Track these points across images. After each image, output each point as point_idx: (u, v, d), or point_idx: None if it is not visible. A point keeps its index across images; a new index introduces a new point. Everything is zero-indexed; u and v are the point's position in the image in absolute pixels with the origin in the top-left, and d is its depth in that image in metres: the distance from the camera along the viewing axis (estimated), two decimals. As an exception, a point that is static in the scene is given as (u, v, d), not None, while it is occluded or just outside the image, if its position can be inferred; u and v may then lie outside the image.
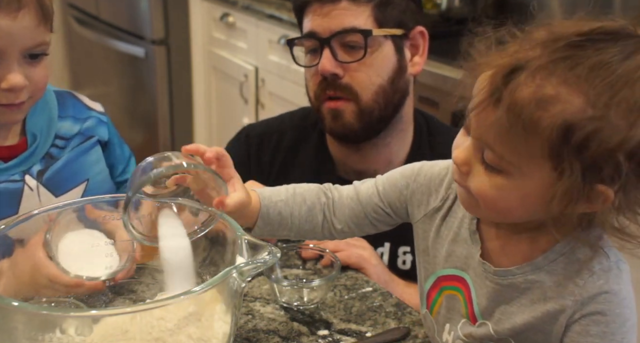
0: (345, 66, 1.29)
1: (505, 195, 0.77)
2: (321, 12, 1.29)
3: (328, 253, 1.16)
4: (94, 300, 0.96)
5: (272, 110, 2.71)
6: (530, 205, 0.77)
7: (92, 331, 0.78)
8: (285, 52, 2.57)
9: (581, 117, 0.69)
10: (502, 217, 0.81)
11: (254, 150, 1.47)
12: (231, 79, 2.95)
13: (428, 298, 0.95)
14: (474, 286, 0.88)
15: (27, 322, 0.75)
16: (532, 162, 0.73)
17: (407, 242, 1.33)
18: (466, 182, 0.80)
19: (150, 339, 0.77)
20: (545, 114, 0.70)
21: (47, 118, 1.15)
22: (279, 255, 0.81)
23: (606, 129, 0.69)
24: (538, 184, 0.74)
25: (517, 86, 0.71)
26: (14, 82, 1.00)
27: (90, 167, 1.19)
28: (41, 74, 1.05)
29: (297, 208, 0.98)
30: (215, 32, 3.04)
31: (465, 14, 2.35)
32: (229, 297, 0.80)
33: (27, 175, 1.10)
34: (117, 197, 0.97)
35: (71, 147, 1.17)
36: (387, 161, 1.38)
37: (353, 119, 1.32)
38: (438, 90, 1.88)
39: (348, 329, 1.04)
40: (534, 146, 0.71)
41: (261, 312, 1.07)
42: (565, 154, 0.70)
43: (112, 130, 1.25)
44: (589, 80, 0.70)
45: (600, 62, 0.70)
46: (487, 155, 0.76)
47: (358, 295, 1.13)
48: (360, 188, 1.00)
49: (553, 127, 0.70)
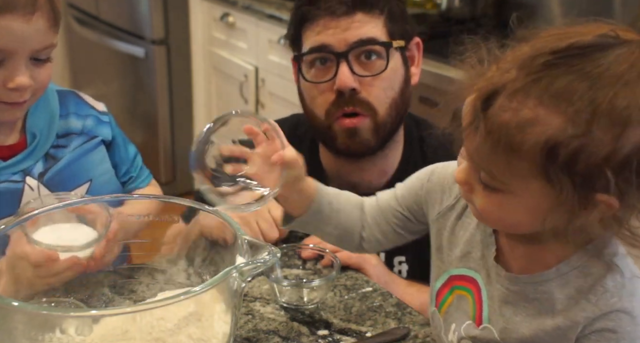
0: (361, 80, 1.25)
1: (507, 211, 0.77)
2: (334, 25, 1.24)
3: (328, 253, 1.16)
4: (94, 300, 0.96)
5: (272, 110, 2.71)
6: (535, 219, 0.76)
7: (92, 331, 0.78)
8: (285, 52, 2.57)
9: (563, 136, 0.69)
10: (511, 229, 0.82)
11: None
12: (231, 79, 2.95)
13: (438, 297, 0.95)
14: (485, 288, 0.88)
15: (27, 322, 0.75)
16: (524, 181, 0.73)
17: (402, 252, 1.32)
18: (471, 199, 0.81)
19: (150, 339, 0.77)
20: (526, 136, 0.70)
21: (48, 117, 1.15)
22: (279, 255, 0.82)
23: (591, 145, 0.69)
24: (535, 199, 0.74)
25: (496, 111, 0.72)
26: (21, 83, 1.02)
27: (93, 167, 1.19)
28: (45, 74, 1.06)
29: (343, 206, 1.01)
30: (215, 32, 3.04)
31: (465, 14, 2.34)
32: (229, 297, 0.80)
33: (28, 176, 1.11)
34: (119, 197, 0.97)
35: (73, 147, 1.17)
36: (381, 172, 1.37)
37: (370, 136, 1.28)
38: (438, 90, 1.88)
39: (348, 329, 1.04)
40: (521, 167, 0.72)
41: (261, 312, 1.07)
42: (553, 172, 0.70)
43: (116, 130, 1.24)
44: (565, 98, 0.69)
45: (575, 79, 0.69)
46: (482, 175, 0.76)
47: (358, 295, 1.13)
48: (381, 196, 1.03)
49: (536, 149, 0.70)
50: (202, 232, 0.95)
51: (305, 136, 1.43)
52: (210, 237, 0.94)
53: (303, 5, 1.28)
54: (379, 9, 1.25)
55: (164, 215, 0.98)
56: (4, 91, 1.02)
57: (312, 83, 1.29)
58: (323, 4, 1.24)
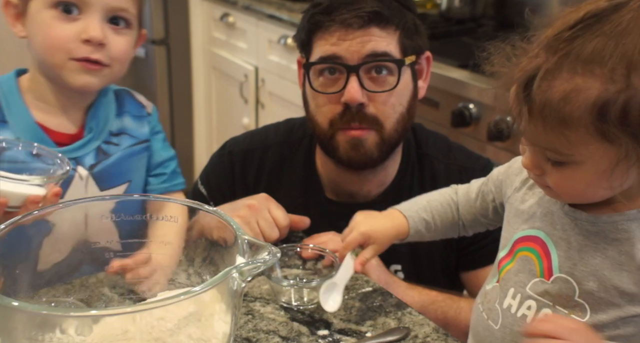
0: (369, 95, 1.23)
1: (581, 181, 0.80)
2: (348, 37, 1.22)
3: (328, 253, 1.16)
4: (94, 300, 0.96)
5: (272, 110, 2.72)
6: (608, 181, 0.79)
7: (92, 331, 0.78)
8: (285, 52, 2.57)
9: (607, 95, 0.73)
10: (588, 199, 0.84)
11: (239, 168, 1.43)
12: (231, 79, 2.95)
13: (498, 268, 0.97)
14: (552, 241, 0.89)
15: (27, 322, 0.75)
16: (586, 148, 0.77)
17: (398, 260, 1.32)
18: (543, 181, 0.85)
19: (150, 339, 0.77)
20: (573, 106, 0.75)
21: (105, 115, 1.19)
22: (279, 255, 0.81)
23: (636, 95, 0.73)
24: (603, 162, 0.77)
25: (536, 93, 0.76)
26: (94, 34, 1.07)
27: (135, 170, 1.22)
28: (121, 44, 1.11)
29: (436, 212, 1.10)
30: (215, 32, 3.04)
31: (465, 14, 2.35)
32: (229, 297, 0.80)
33: (80, 165, 1.15)
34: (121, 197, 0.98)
35: (124, 146, 1.20)
36: (380, 182, 1.36)
37: (374, 148, 1.27)
38: (438, 90, 1.88)
39: (348, 329, 1.04)
40: (578, 136, 0.76)
41: (261, 312, 1.07)
42: (610, 131, 0.74)
43: (157, 128, 1.26)
44: (597, 61, 0.73)
45: (600, 41, 0.74)
46: (548, 154, 0.81)
47: (358, 295, 1.13)
48: (471, 185, 1.11)
49: (586, 115, 0.74)
50: (202, 232, 0.95)
51: (301, 142, 1.42)
52: (210, 237, 0.94)
53: (317, 14, 1.25)
54: (394, 25, 1.23)
55: (164, 215, 0.98)
56: (77, 44, 1.07)
57: (320, 93, 1.27)
58: (338, 16, 1.22)
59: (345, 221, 1.36)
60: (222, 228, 0.90)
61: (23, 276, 0.91)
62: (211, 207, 0.92)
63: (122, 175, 1.20)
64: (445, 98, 1.92)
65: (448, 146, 1.40)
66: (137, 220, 0.97)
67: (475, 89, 1.85)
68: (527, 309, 0.90)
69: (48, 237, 0.93)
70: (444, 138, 1.43)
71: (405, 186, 1.36)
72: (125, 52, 1.12)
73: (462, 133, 1.88)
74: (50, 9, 1.07)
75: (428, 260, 1.35)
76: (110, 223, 0.97)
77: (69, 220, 0.95)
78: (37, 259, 0.94)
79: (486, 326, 0.95)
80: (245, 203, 1.26)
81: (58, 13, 1.06)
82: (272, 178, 1.41)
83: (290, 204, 1.31)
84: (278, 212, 1.25)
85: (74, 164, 1.14)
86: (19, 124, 1.12)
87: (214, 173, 1.34)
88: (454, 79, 1.90)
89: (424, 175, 1.36)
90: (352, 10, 1.21)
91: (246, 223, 1.22)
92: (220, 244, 0.92)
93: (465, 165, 1.36)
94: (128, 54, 1.14)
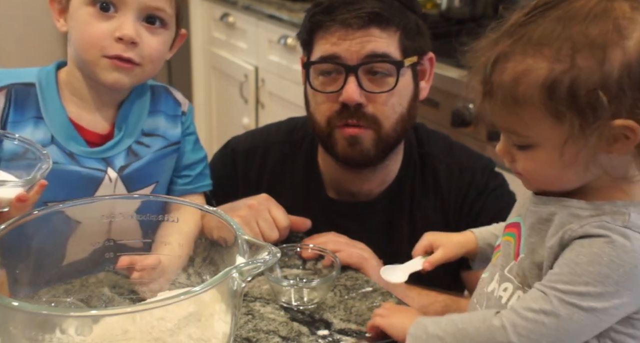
0: (368, 95, 1.23)
1: (542, 164, 0.84)
2: (348, 37, 1.22)
3: (328, 253, 1.16)
4: (94, 300, 0.96)
5: (272, 110, 2.72)
6: (561, 162, 0.82)
7: (92, 331, 0.78)
8: (285, 52, 2.57)
9: (554, 74, 0.78)
10: (555, 185, 0.87)
11: (241, 167, 1.43)
12: (231, 79, 2.95)
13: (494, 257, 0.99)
14: (524, 224, 0.91)
15: (27, 322, 0.75)
16: (541, 126, 0.80)
17: (399, 259, 1.31)
18: (515, 168, 0.88)
19: (150, 339, 0.77)
20: (523, 86, 0.79)
21: (137, 113, 1.18)
22: (279, 255, 0.81)
23: (581, 74, 0.77)
24: (555, 140, 0.81)
25: (493, 76, 0.82)
26: (126, 32, 1.06)
27: (164, 171, 1.22)
28: (154, 43, 1.10)
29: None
30: (215, 32, 3.04)
31: (466, 14, 2.34)
32: (229, 297, 0.80)
33: (110, 167, 1.14)
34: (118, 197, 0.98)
35: (155, 148, 1.19)
36: (381, 181, 1.36)
37: (371, 147, 1.26)
38: (438, 90, 1.88)
39: (348, 329, 1.04)
40: (532, 114, 0.80)
41: (261, 312, 1.07)
42: (559, 107, 0.78)
43: (189, 131, 1.26)
44: (545, 43, 0.79)
45: (550, 25, 0.79)
46: (512, 138, 0.85)
47: (358, 295, 1.13)
48: None
49: (535, 94, 0.79)
50: (202, 232, 0.95)
51: (303, 141, 1.42)
52: (210, 237, 0.94)
53: (318, 13, 1.25)
54: (395, 25, 1.23)
55: (164, 215, 0.98)
56: (110, 42, 1.07)
57: (318, 92, 1.27)
58: (339, 16, 1.22)
59: (346, 220, 1.37)
60: (222, 228, 0.90)
61: (23, 276, 0.91)
62: (211, 206, 0.92)
63: (151, 176, 1.19)
64: (445, 98, 1.92)
65: (449, 145, 1.40)
66: (144, 220, 0.97)
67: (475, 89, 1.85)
68: (504, 291, 0.92)
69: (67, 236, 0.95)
70: (446, 137, 1.43)
71: (406, 185, 1.36)
72: (158, 51, 1.11)
73: (462, 133, 1.88)
74: (89, 6, 1.07)
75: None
76: (107, 223, 0.97)
77: (86, 219, 0.96)
78: (61, 255, 0.95)
79: (474, 309, 0.97)
80: (246, 203, 1.26)
81: (95, 10, 1.07)
82: (274, 176, 1.42)
83: (291, 203, 1.31)
84: (278, 213, 1.25)
85: (104, 165, 1.13)
86: (54, 122, 1.12)
87: (216, 172, 1.34)
88: (454, 79, 1.90)
89: (425, 174, 1.37)
90: (353, 11, 1.21)
91: (246, 223, 1.22)
92: (220, 244, 0.92)
93: (466, 164, 1.36)
94: (161, 53, 1.13)
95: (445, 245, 1.09)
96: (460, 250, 1.09)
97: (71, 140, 1.12)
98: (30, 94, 1.12)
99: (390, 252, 1.25)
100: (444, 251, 1.09)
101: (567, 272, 0.80)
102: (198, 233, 0.97)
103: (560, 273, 0.81)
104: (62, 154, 1.11)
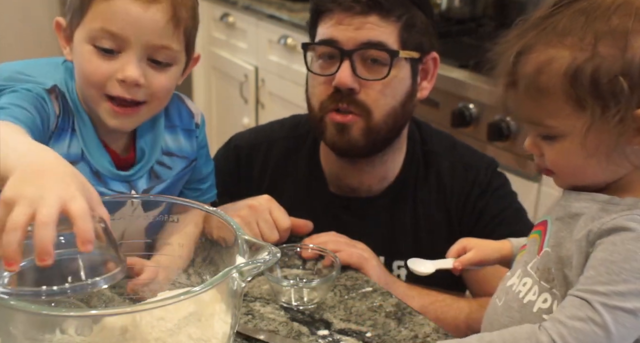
0: (361, 81, 1.24)
1: (570, 155, 0.85)
2: (347, 22, 1.23)
3: (328, 253, 1.16)
4: (94, 300, 0.96)
5: (272, 110, 2.72)
6: (595, 158, 0.83)
7: (92, 331, 0.78)
8: (285, 52, 2.57)
9: (576, 63, 0.79)
10: (583, 179, 0.87)
11: (244, 162, 1.44)
12: (231, 79, 2.95)
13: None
14: (550, 221, 0.91)
15: (27, 322, 0.75)
16: (564, 115, 0.82)
17: (401, 256, 1.32)
18: (544, 164, 0.89)
19: (150, 339, 0.77)
20: (547, 75, 0.81)
21: (153, 130, 1.13)
22: (279, 255, 0.81)
23: (604, 62, 0.78)
24: (578, 128, 0.82)
25: (519, 68, 0.84)
26: (129, 74, 1.00)
27: (179, 188, 1.20)
28: (162, 81, 1.05)
29: None
30: (215, 32, 3.04)
31: (465, 14, 2.35)
32: (229, 297, 0.80)
33: (134, 190, 1.10)
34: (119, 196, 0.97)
35: (176, 170, 1.16)
36: (381, 177, 1.36)
37: (359, 136, 1.26)
38: (438, 90, 1.88)
39: (348, 329, 1.04)
40: (556, 103, 0.82)
41: (261, 312, 1.07)
42: (582, 95, 0.80)
43: (203, 142, 1.23)
44: (568, 33, 0.81)
45: (573, 17, 0.81)
46: (538, 130, 0.86)
47: (358, 295, 1.13)
48: None
49: (559, 83, 0.80)
50: (202, 232, 0.95)
51: (306, 137, 1.42)
52: (210, 237, 0.94)
53: None
54: (396, 16, 1.24)
55: (164, 215, 0.98)
56: (113, 83, 1.02)
57: (314, 74, 1.29)
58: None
59: (347, 215, 1.37)
60: (222, 228, 0.90)
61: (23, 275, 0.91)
62: (212, 206, 0.92)
63: (170, 194, 1.15)
64: (445, 98, 1.92)
65: (453, 144, 1.41)
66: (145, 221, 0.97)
67: (475, 89, 1.85)
68: (523, 285, 0.92)
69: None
70: (449, 136, 1.44)
71: (409, 182, 1.37)
72: (166, 88, 1.06)
73: (462, 133, 1.88)
74: (89, 44, 1.02)
75: (431, 257, 1.35)
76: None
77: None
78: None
79: (493, 304, 0.97)
80: (247, 203, 1.26)
81: (97, 49, 1.02)
82: (276, 172, 1.42)
83: (294, 198, 1.31)
84: (279, 214, 1.25)
85: (127, 188, 1.09)
86: (86, 137, 1.07)
87: (219, 169, 1.34)
88: (454, 79, 1.90)
89: (428, 171, 1.37)
90: None
91: (246, 223, 1.22)
92: (220, 244, 0.92)
93: (470, 162, 1.36)
94: (169, 89, 1.08)
95: (478, 247, 1.09)
96: (494, 254, 1.08)
97: (101, 157, 1.07)
98: (66, 99, 1.06)
99: (393, 249, 1.25)
100: (476, 252, 1.08)
101: (603, 272, 0.79)
102: (199, 235, 0.96)
103: (597, 274, 0.80)
104: (89, 173, 1.06)
